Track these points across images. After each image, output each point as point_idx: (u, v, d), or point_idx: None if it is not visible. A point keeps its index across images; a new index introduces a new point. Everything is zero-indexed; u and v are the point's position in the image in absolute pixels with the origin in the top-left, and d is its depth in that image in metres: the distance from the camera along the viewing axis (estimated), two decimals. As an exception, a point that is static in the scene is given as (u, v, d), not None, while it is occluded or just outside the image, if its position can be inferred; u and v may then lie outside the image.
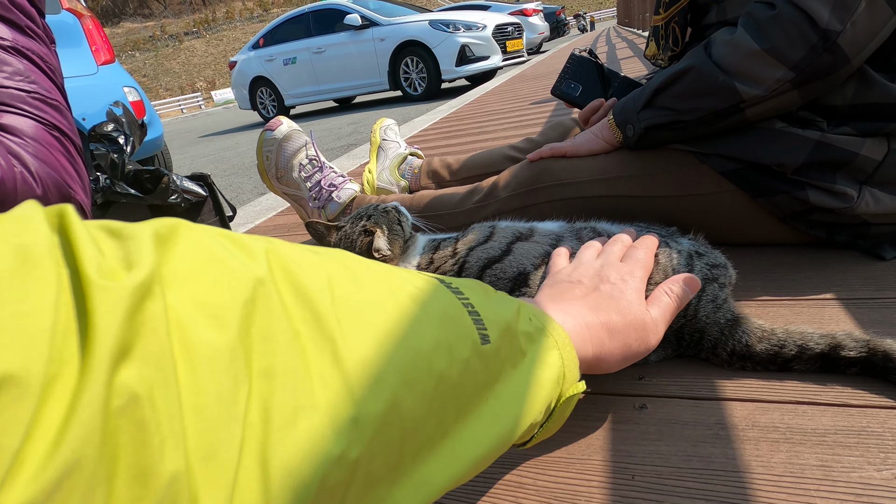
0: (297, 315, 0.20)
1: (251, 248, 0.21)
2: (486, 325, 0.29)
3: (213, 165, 4.25)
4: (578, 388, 0.34)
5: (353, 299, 0.23)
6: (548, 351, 0.32)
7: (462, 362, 0.26)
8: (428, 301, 0.27)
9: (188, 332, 0.17)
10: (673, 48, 0.79)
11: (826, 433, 0.39)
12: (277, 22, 6.97)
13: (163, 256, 0.18)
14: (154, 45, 66.43)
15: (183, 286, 0.18)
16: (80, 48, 2.36)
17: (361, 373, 0.21)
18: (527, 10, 10.79)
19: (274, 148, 0.98)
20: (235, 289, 0.19)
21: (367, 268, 0.26)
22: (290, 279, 0.21)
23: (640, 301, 0.41)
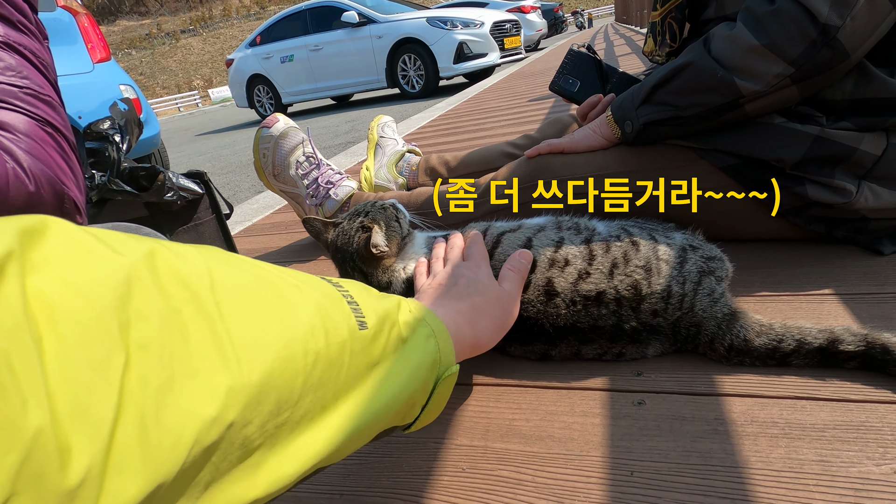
0: (176, 296, 0.22)
1: (129, 244, 0.22)
2: (364, 313, 0.32)
3: (210, 164, 4.23)
4: (453, 370, 0.38)
5: (232, 286, 0.25)
6: (426, 339, 0.36)
7: (339, 344, 0.28)
8: (305, 289, 0.29)
9: (55, 306, 0.18)
10: (670, 44, 0.79)
11: (825, 428, 0.39)
12: (274, 19, 6.94)
13: (29, 245, 0.19)
14: (150, 42, 66.09)
15: (49, 269, 0.19)
16: (76, 46, 2.34)
17: (239, 347, 0.23)
18: (524, 7, 10.76)
19: (270, 145, 0.97)
20: (107, 271, 0.20)
21: (245, 261, 0.28)
22: (171, 266, 0.23)
23: (493, 282, 0.49)
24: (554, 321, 0.50)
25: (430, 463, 0.44)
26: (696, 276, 0.49)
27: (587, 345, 0.51)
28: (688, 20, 0.78)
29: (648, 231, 0.55)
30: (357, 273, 0.62)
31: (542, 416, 0.47)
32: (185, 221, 0.75)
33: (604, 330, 0.50)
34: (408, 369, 0.34)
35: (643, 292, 0.49)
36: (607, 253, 0.52)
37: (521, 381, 0.52)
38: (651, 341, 0.50)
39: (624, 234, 0.54)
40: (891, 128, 0.58)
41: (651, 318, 0.49)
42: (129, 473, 0.18)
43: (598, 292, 0.49)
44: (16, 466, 0.15)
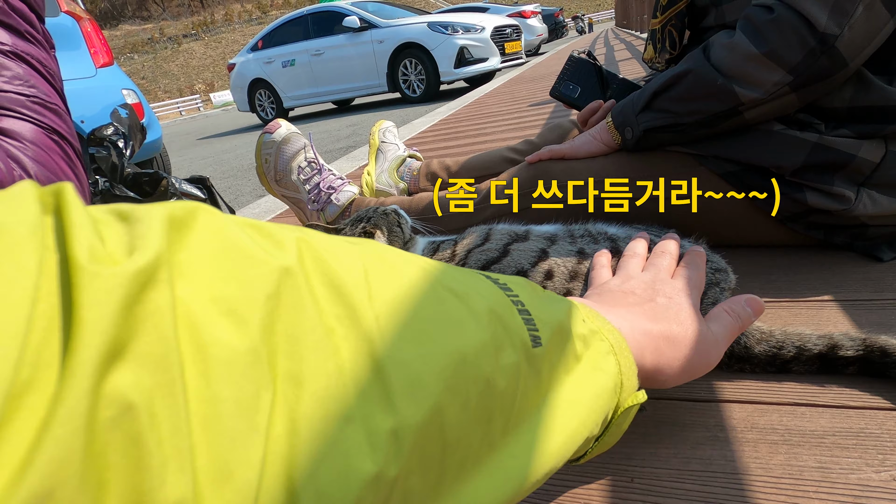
0: (329, 310, 0.18)
1: (279, 237, 0.19)
2: (538, 325, 0.26)
3: (211, 168, 4.25)
4: (638, 397, 0.31)
5: (393, 294, 0.21)
6: (604, 356, 0.30)
7: (511, 367, 0.23)
8: (473, 296, 0.24)
9: (201, 331, 0.15)
10: (670, 51, 0.80)
11: (825, 435, 0.39)
12: (276, 24, 6.98)
13: (177, 243, 0.16)
14: (153, 47, 66.40)
15: (197, 277, 0.15)
16: (79, 51, 2.36)
17: (402, 377, 0.19)
18: (525, 13, 10.81)
19: (273, 150, 0.98)
20: (259, 281, 0.17)
21: (406, 260, 0.23)
22: (323, 270, 0.19)
23: (698, 316, 0.39)
24: None
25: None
26: (705, 287, 0.49)
27: None
28: (688, 28, 0.78)
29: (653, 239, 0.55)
30: None
31: (543, 421, 0.47)
32: (188, 226, 0.76)
33: None
34: (587, 396, 0.27)
35: None
36: None
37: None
38: None
39: None
40: (889, 135, 0.58)
41: None
42: None
43: None
44: None
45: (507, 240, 0.58)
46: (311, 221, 1.01)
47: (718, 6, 0.70)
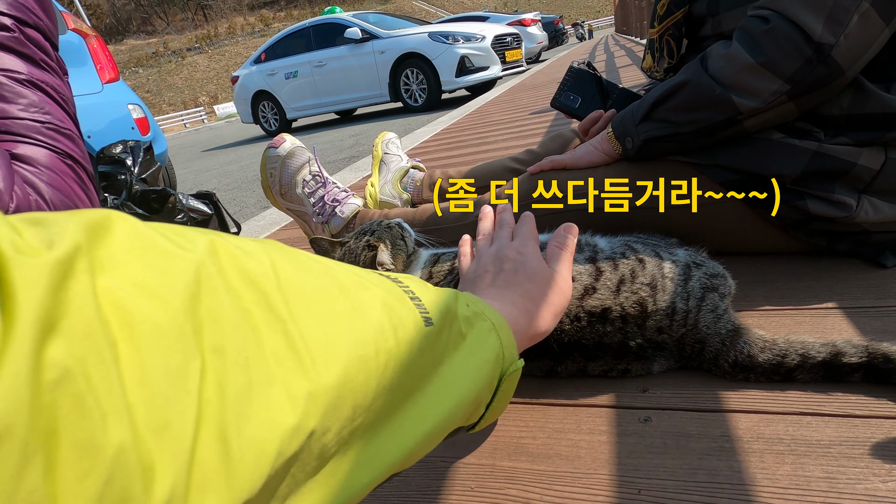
0: (245, 296, 0.21)
1: (192, 235, 0.21)
2: (428, 308, 0.30)
3: (216, 180, 4.28)
4: (517, 364, 0.36)
5: (298, 283, 0.24)
6: (487, 333, 0.34)
7: (408, 342, 0.27)
8: (370, 286, 0.28)
9: (128, 310, 0.17)
10: (668, 60, 0.80)
11: (831, 444, 0.39)
12: (279, 37, 7.05)
13: (96, 242, 0.17)
14: (157, 61, 67.16)
15: (119, 269, 0.17)
16: (86, 67, 2.39)
17: (314, 349, 0.22)
18: (525, 21, 10.88)
19: (277, 165, 0.99)
20: (176, 271, 0.19)
21: (306, 256, 0.27)
22: (236, 263, 0.21)
23: (541, 264, 0.45)
24: (558, 337, 0.51)
25: (438, 482, 0.45)
26: (700, 293, 0.50)
27: (593, 361, 0.52)
28: (685, 37, 0.79)
29: (652, 247, 0.56)
30: None
31: (549, 433, 0.47)
32: (195, 242, 0.77)
33: (609, 347, 0.50)
34: (473, 366, 0.32)
35: (648, 309, 0.49)
36: (615, 270, 0.52)
37: (527, 398, 0.52)
38: (656, 358, 0.50)
39: (629, 251, 0.55)
40: (889, 142, 0.59)
41: (656, 334, 0.49)
42: (213, 493, 0.17)
43: (603, 309, 0.50)
44: (98, 489, 0.14)
45: None
46: (315, 234, 1.02)
47: (715, 16, 0.71)
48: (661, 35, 0.80)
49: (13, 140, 0.34)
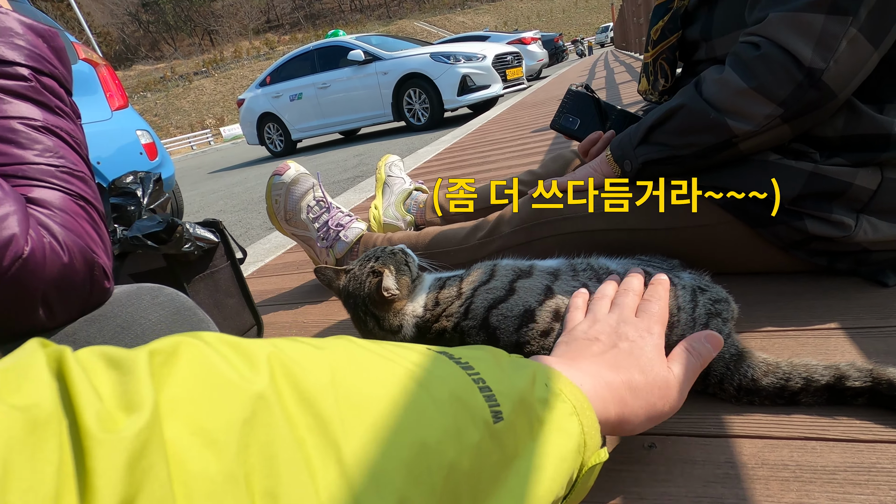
0: (300, 422, 0.21)
1: (253, 356, 0.22)
2: (499, 399, 0.28)
3: (222, 201, 4.33)
4: (600, 456, 0.32)
5: (357, 393, 0.23)
6: (566, 418, 0.31)
7: (473, 447, 0.25)
8: (435, 383, 0.26)
9: (186, 465, 0.18)
10: (663, 83, 0.82)
11: (836, 470, 0.39)
12: (284, 60, 7.20)
13: (161, 382, 0.19)
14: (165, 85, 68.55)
15: (180, 414, 0.19)
16: (96, 95, 2.45)
17: (366, 476, 0.21)
18: (525, 39, 11.05)
19: (282, 192, 1.01)
20: (234, 408, 0.20)
21: (370, 353, 0.26)
22: (294, 384, 0.22)
23: (661, 358, 0.40)
24: None
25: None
26: (705, 319, 0.50)
27: None
28: (680, 60, 0.81)
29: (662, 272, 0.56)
30: (369, 317, 0.63)
31: (554, 460, 0.47)
32: (202, 270, 0.78)
33: None
34: (549, 460, 0.28)
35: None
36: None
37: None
38: None
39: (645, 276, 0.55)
40: (884, 162, 0.59)
41: None
42: None
43: None
44: None
45: (513, 276, 0.59)
46: (320, 259, 1.03)
47: (708, 41, 0.72)
48: (655, 59, 0.82)
49: (29, 184, 0.35)
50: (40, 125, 0.37)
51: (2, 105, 0.35)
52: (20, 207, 0.33)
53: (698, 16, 0.74)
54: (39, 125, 0.37)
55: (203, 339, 0.22)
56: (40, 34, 0.38)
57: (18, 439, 0.15)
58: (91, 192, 0.39)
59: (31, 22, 0.38)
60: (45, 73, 0.38)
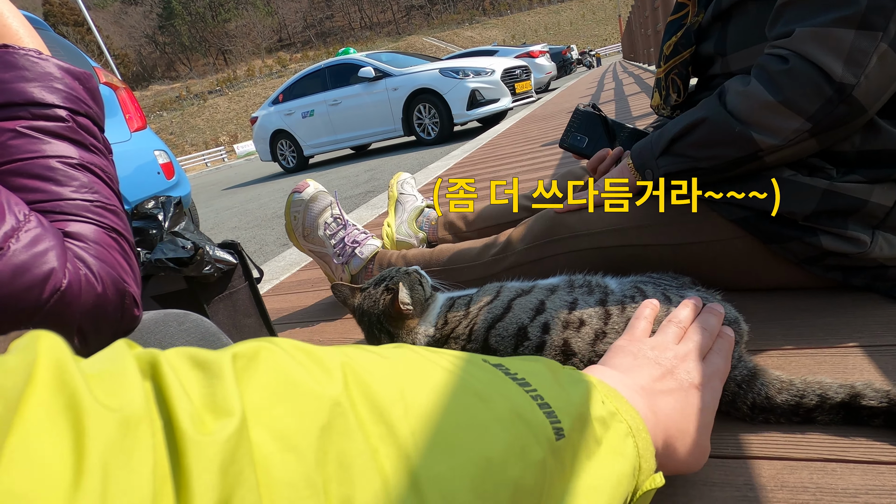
0: (373, 431, 0.21)
1: (328, 364, 0.22)
2: (559, 416, 0.28)
3: (236, 218, 4.40)
4: (655, 481, 0.32)
5: (424, 405, 0.24)
6: (623, 439, 0.30)
7: (537, 464, 0.25)
8: (496, 398, 0.26)
9: (269, 470, 0.18)
10: (675, 97, 0.81)
11: (857, 493, 0.39)
12: (296, 78, 7.34)
13: (244, 385, 0.19)
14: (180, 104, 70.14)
15: (262, 418, 0.19)
16: (116, 118, 2.52)
17: (436, 492, 0.21)
18: (533, 53, 11.15)
19: (301, 209, 1.03)
20: (312, 415, 0.20)
21: (432, 364, 0.26)
22: (366, 393, 0.22)
23: (714, 411, 0.40)
24: None
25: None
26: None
27: None
28: (694, 75, 0.81)
29: (663, 289, 0.56)
30: (384, 335, 0.64)
31: (571, 482, 0.47)
32: (221, 291, 0.80)
33: None
34: (609, 483, 0.28)
35: None
36: (622, 313, 0.53)
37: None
38: None
39: (638, 293, 0.56)
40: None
41: None
42: None
43: None
44: None
45: (514, 295, 0.60)
46: (336, 276, 1.04)
47: (723, 56, 0.72)
48: (667, 74, 0.82)
49: (66, 219, 0.37)
50: (76, 163, 0.39)
51: (42, 145, 0.37)
52: (58, 242, 0.35)
53: (712, 31, 0.73)
54: (76, 163, 0.39)
55: (280, 346, 0.22)
56: (76, 76, 0.41)
57: (115, 440, 0.15)
58: (122, 224, 0.41)
59: (67, 66, 0.40)
60: (80, 113, 0.40)
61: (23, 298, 0.33)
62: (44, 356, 0.15)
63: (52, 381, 0.15)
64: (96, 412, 0.15)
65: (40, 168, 0.37)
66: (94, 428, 0.15)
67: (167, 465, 0.16)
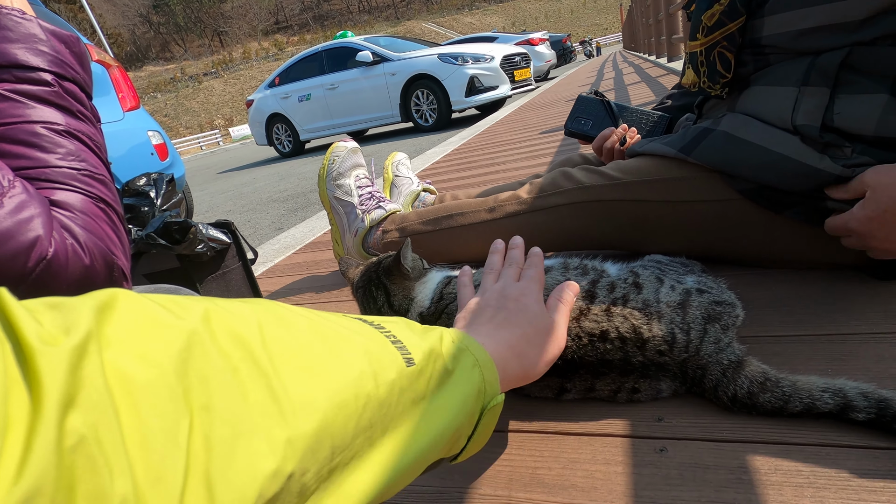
0: (234, 355, 0.23)
1: (187, 306, 0.24)
2: (410, 350, 0.33)
3: (231, 202, 4.36)
4: (498, 399, 0.38)
5: (282, 339, 0.26)
6: (470, 369, 0.37)
7: (388, 384, 0.29)
8: (353, 336, 0.30)
9: (129, 378, 0.20)
10: (724, 74, 0.74)
11: (851, 477, 0.39)
12: (292, 61, 7.24)
13: (103, 321, 0.21)
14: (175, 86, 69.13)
15: (122, 344, 0.21)
16: (108, 97, 2.48)
17: (294, 399, 0.24)
18: (533, 40, 11.03)
19: (344, 154, 1.08)
20: (170, 340, 0.22)
21: (294, 314, 0.29)
22: (226, 326, 0.24)
23: (542, 310, 0.47)
24: (562, 354, 0.51)
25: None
26: (702, 323, 0.50)
27: (600, 378, 0.52)
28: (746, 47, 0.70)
29: (658, 275, 0.56)
30: (380, 291, 0.63)
31: (565, 464, 0.47)
32: (214, 270, 0.79)
33: (613, 364, 0.50)
34: (454, 401, 0.34)
35: (644, 336, 0.49)
36: (610, 293, 0.53)
37: (542, 427, 0.53)
38: (662, 377, 0.50)
39: (631, 275, 0.55)
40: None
41: (657, 356, 0.49)
42: None
43: (601, 331, 0.50)
44: None
45: None
46: (344, 235, 1.06)
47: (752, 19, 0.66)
48: (709, 48, 0.74)
49: (52, 187, 0.36)
50: (62, 129, 0.37)
51: (26, 110, 0.36)
52: (44, 210, 0.34)
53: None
54: (62, 129, 0.37)
55: (139, 293, 0.24)
56: (63, 40, 0.39)
57: None
58: (111, 194, 0.40)
59: (53, 28, 0.39)
60: (67, 78, 0.39)
61: (7, 267, 0.32)
62: None
63: None
64: None
65: (25, 133, 0.36)
66: None
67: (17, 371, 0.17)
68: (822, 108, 0.60)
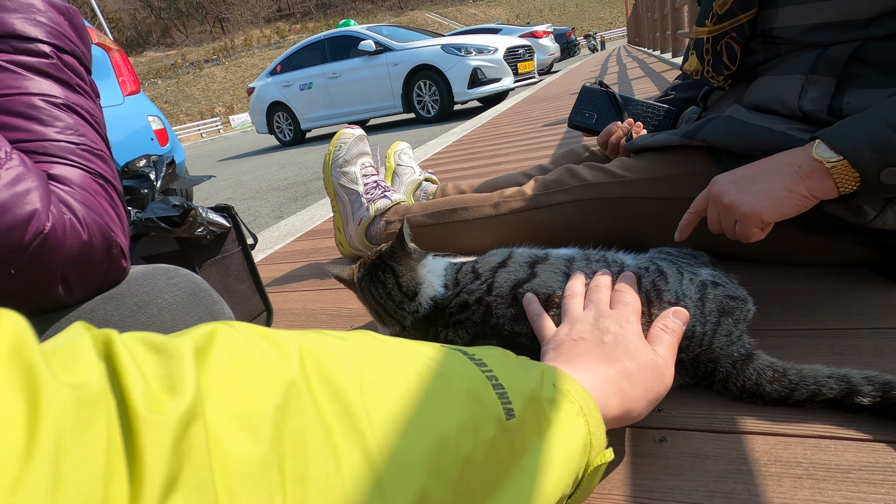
0: (328, 410, 0.22)
1: (284, 346, 0.23)
2: (511, 397, 0.29)
3: (231, 189, 4.35)
4: (606, 456, 0.33)
5: (382, 386, 0.24)
6: (574, 418, 0.32)
7: (487, 442, 0.26)
8: (454, 378, 0.27)
9: (224, 448, 0.19)
10: (729, 65, 0.72)
11: (850, 469, 0.39)
12: (294, 49, 7.18)
13: (201, 367, 0.20)
14: (175, 72, 68.72)
15: (219, 398, 0.20)
16: (108, 80, 2.46)
17: (391, 466, 0.22)
18: (537, 33, 10.95)
19: (350, 140, 1.07)
20: (268, 394, 0.21)
21: (390, 347, 0.27)
22: (322, 373, 0.23)
23: (644, 343, 0.43)
24: None
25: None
26: (716, 316, 0.49)
27: None
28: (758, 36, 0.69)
29: (677, 267, 0.55)
30: (388, 274, 0.62)
31: (563, 452, 0.47)
32: (213, 254, 0.78)
33: None
34: (558, 460, 0.29)
35: None
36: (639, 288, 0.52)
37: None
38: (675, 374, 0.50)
39: (653, 266, 0.55)
40: None
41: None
42: None
43: None
44: None
45: (531, 260, 0.59)
46: (347, 223, 1.05)
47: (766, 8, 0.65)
48: (717, 36, 0.72)
49: (50, 161, 0.36)
50: (61, 102, 0.37)
51: (24, 81, 0.35)
52: (42, 183, 0.33)
53: None
54: (60, 102, 0.37)
55: (236, 329, 0.23)
56: (61, 11, 0.38)
57: (71, 415, 0.15)
58: (110, 170, 0.39)
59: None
60: (66, 50, 0.38)
61: (3, 240, 0.32)
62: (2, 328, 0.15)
63: (9, 354, 0.15)
64: (52, 386, 0.15)
65: (22, 105, 0.35)
66: (49, 401, 0.15)
67: (120, 441, 0.16)
68: (828, 96, 0.59)
